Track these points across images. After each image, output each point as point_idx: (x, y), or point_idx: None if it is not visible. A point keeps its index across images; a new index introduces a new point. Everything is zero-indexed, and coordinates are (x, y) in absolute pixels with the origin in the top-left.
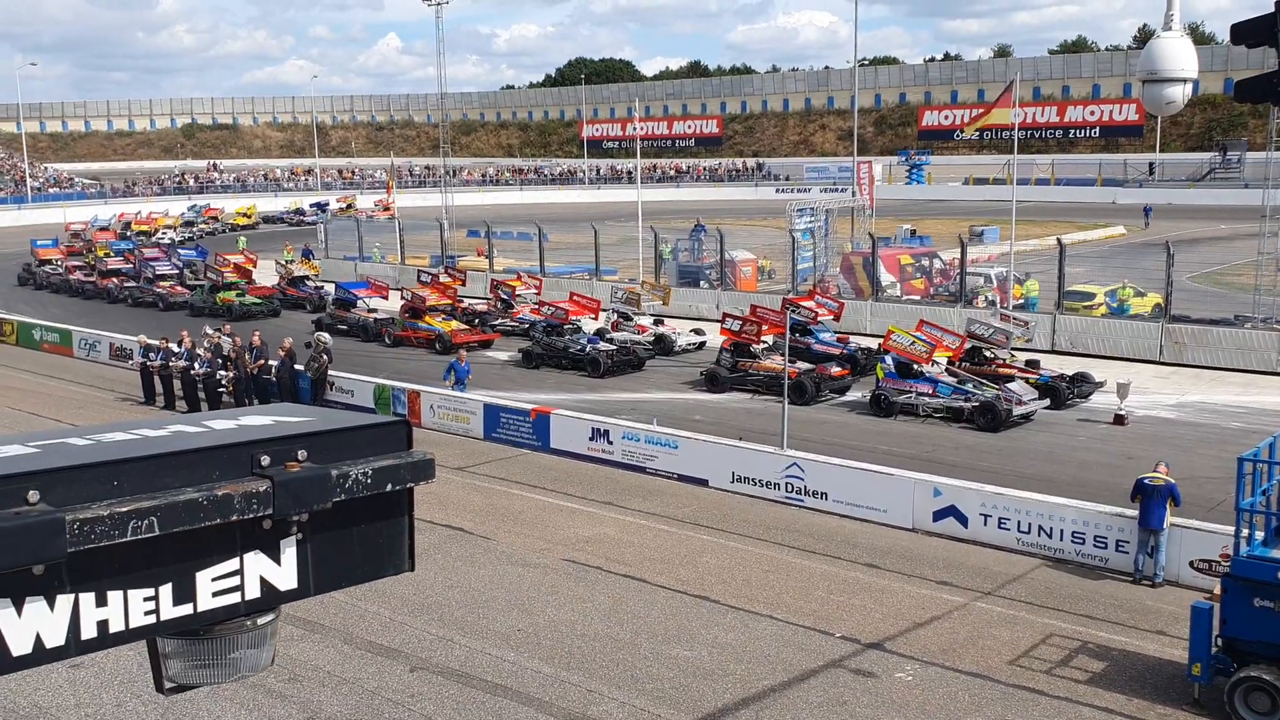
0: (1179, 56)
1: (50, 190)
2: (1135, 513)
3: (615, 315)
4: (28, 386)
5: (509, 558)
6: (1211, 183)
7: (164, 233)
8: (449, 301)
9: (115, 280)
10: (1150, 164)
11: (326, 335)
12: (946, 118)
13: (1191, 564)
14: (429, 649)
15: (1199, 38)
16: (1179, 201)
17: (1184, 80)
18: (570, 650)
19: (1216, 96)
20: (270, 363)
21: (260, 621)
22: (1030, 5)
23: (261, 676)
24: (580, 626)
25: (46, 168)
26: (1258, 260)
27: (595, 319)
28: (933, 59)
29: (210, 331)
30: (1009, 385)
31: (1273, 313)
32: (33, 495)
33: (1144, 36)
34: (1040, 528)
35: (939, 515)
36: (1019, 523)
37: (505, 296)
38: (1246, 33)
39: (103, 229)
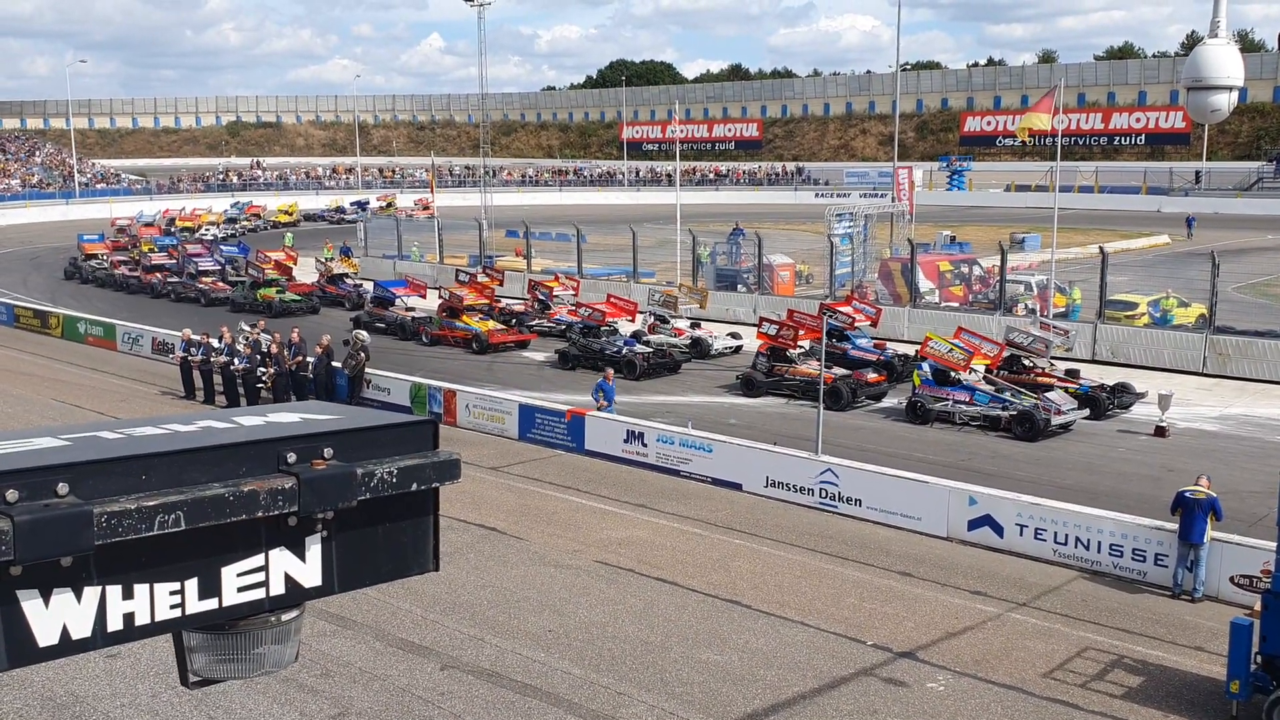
0: (1225, 64)
1: (97, 186)
2: (1175, 526)
3: (652, 318)
4: (71, 379)
5: (541, 558)
6: (1259, 192)
7: (207, 229)
8: (486, 301)
9: (159, 275)
10: (1197, 172)
11: (364, 333)
12: (989, 124)
13: (1232, 579)
14: (460, 648)
15: (1248, 45)
16: (1225, 211)
17: (1229, 88)
18: (600, 652)
19: (1265, 105)
20: (308, 359)
21: (285, 618)
22: (1076, 10)
23: (294, 671)
24: (611, 628)
25: (94, 164)
26: None
27: (632, 321)
28: (976, 64)
29: (246, 328)
30: (1048, 395)
31: None
32: (62, 488)
33: (1191, 43)
34: (1077, 539)
35: (974, 524)
36: (1056, 534)
37: (543, 297)
38: None
39: (148, 225)
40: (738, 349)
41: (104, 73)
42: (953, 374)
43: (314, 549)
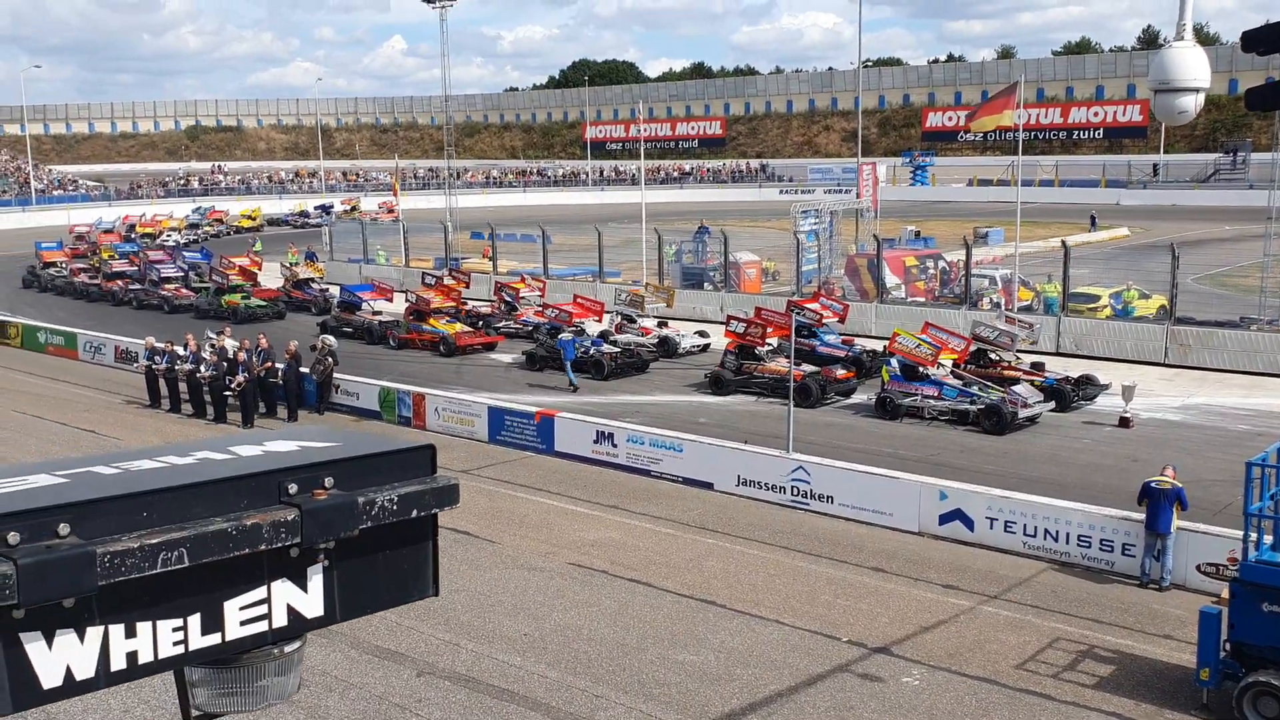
0: (1191, 66)
1: (54, 192)
2: (1142, 516)
3: (619, 317)
4: (33, 389)
5: (514, 561)
6: (1216, 184)
7: (169, 235)
8: (453, 304)
9: (120, 283)
10: (1155, 165)
11: (331, 338)
12: (950, 119)
13: (1198, 568)
14: (435, 653)
15: (1203, 39)
16: (1184, 203)
17: (1196, 90)
18: (576, 655)
19: (1221, 97)
20: (277, 366)
21: (287, 649)
22: (1034, 6)
23: None
24: (586, 631)
25: (50, 170)
26: (1263, 262)
27: (599, 321)
28: (936, 60)
29: (212, 335)
30: (1014, 388)
31: (1278, 314)
32: (63, 528)
33: (1148, 37)
34: (1046, 531)
35: (945, 518)
36: (1025, 526)
37: (509, 299)
38: (1258, 40)
39: (107, 231)
40: (705, 347)
41: (60, 77)
42: (921, 369)
43: (315, 579)
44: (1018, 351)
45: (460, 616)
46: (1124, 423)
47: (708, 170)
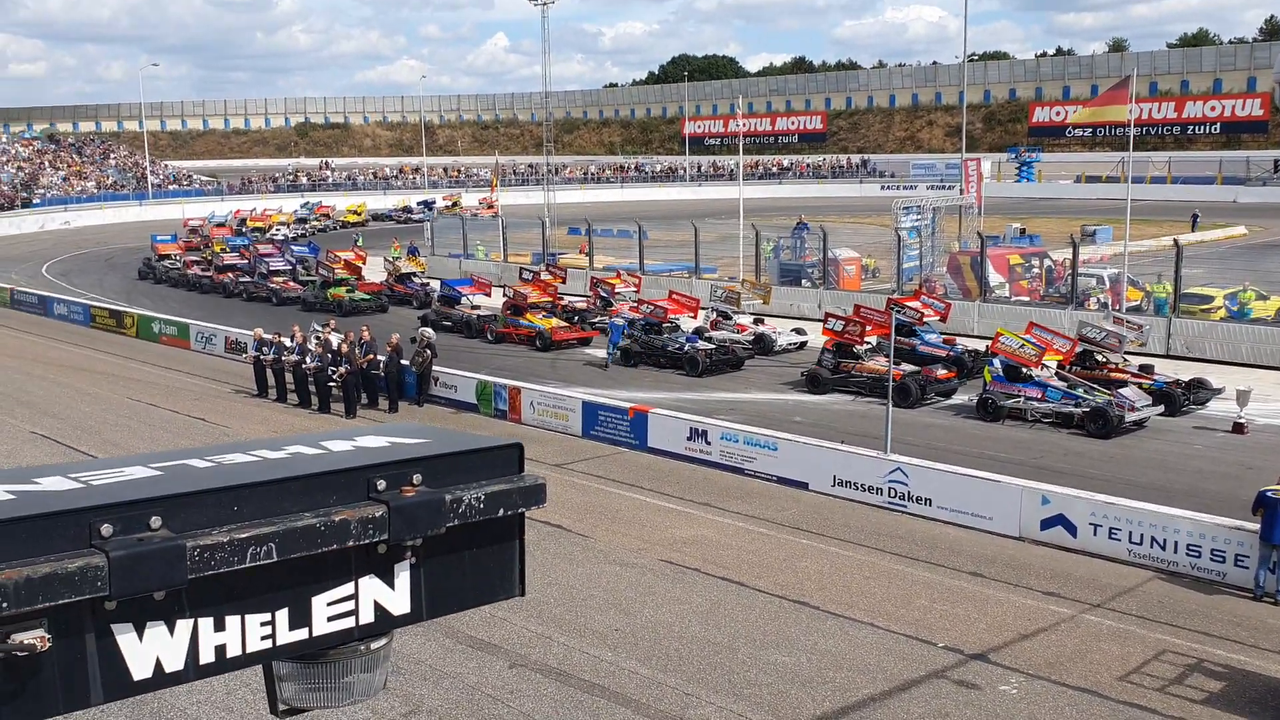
0: None
1: (169, 187)
2: (1256, 526)
3: (715, 314)
4: (146, 378)
5: (606, 556)
6: None
7: (278, 229)
8: (550, 299)
9: (231, 275)
10: (1276, 161)
11: (430, 331)
12: (1058, 114)
13: None
14: (528, 646)
15: None
16: None
17: None
18: (668, 652)
19: None
20: (379, 358)
21: (373, 646)
22: None
23: None
24: (678, 628)
25: (166, 165)
26: None
27: (694, 317)
28: (1044, 54)
29: (318, 327)
30: (1121, 391)
31: None
32: (155, 521)
33: (1270, 29)
34: (1153, 539)
35: (1047, 524)
36: (1131, 533)
37: (605, 294)
38: None
39: (219, 225)
40: (802, 345)
41: (177, 75)
42: (1024, 370)
43: (403, 576)
44: (1125, 353)
45: (552, 610)
46: (1238, 429)
47: (807, 165)
